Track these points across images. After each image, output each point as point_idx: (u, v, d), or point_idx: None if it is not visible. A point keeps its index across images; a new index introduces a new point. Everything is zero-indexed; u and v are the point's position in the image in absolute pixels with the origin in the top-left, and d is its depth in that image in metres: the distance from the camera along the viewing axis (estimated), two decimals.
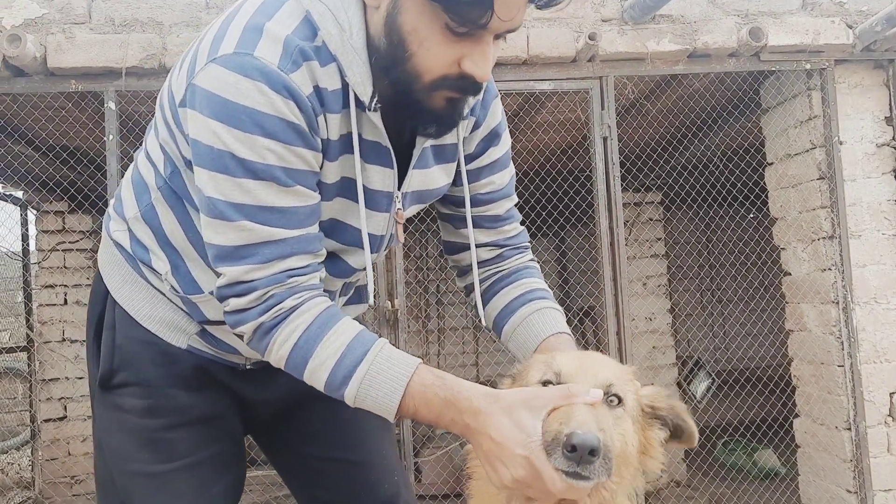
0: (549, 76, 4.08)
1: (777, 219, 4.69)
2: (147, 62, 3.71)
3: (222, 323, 1.50)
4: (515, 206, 1.73)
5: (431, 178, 1.54)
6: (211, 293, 1.46)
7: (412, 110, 1.35)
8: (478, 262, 1.67)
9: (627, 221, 5.82)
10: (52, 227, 5.91)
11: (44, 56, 3.65)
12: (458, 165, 1.58)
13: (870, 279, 4.22)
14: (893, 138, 4.27)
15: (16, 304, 8.05)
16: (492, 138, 1.61)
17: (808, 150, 4.34)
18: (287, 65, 1.26)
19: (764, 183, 4.81)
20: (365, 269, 1.56)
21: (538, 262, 1.78)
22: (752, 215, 5.69)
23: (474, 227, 1.64)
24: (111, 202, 1.65)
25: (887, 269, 4.24)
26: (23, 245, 5.92)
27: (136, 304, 1.55)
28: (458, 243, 1.70)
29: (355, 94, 1.33)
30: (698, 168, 5.14)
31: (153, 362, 1.54)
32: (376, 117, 1.36)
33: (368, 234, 1.45)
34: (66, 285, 5.95)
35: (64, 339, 5.91)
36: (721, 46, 4.09)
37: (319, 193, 1.39)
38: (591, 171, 4.23)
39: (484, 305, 1.67)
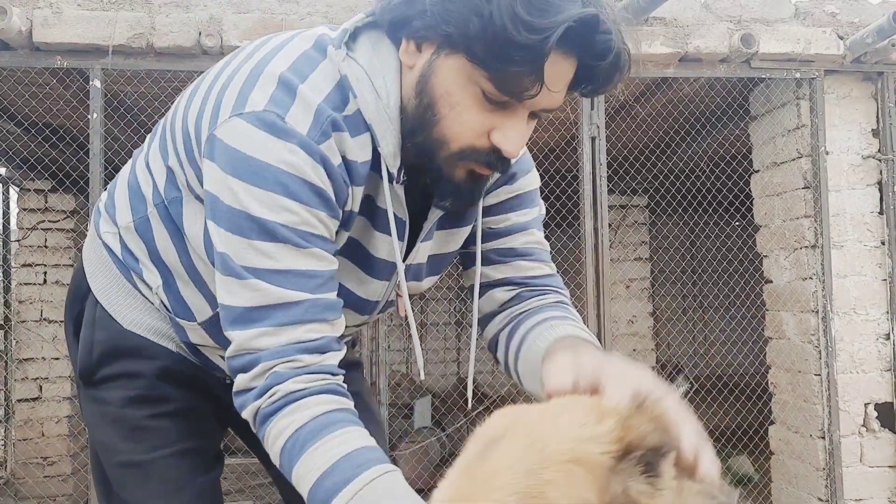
0: None
1: (761, 226, 4.71)
2: (135, 41, 3.67)
3: (206, 346, 1.45)
4: (543, 248, 1.52)
5: (444, 244, 1.44)
6: (200, 324, 1.41)
7: (432, 179, 1.25)
8: (498, 306, 1.49)
9: (612, 224, 5.83)
10: (33, 206, 5.84)
11: (29, 30, 3.60)
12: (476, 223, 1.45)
13: (850, 290, 4.25)
14: (879, 150, 4.29)
15: None
16: (506, 179, 1.46)
17: (794, 159, 4.36)
18: (317, 135, 1.17)
19: (749, 190, 4.83)
20: (359, 326, 1.48)
21: None
22: (735, 222, 5.71)
23: (485, 263, 1.47)
24: (102, 197, 1.56)
25: (867, 280, 4.27)
26: (3, 222, 5.86)
27: (121, 310, 1.48)
28: (472, 286, 1.50)
29: (386, 166, 1.25)
30: (685, 172, 5.15)
31: (137, 356, 1.48)
32: (401, 190, 1.28)
33: (362, 297, 1.40)
34: (45, 265, 5.88)
35: (42, 319, 5.84)
36: (713, 51, 4.10)
37: None
38: (577, 172, 4.23)
39: (506, 358, 1.45)
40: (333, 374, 1.20)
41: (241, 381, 1.20)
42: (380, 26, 1.25)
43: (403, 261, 1.36)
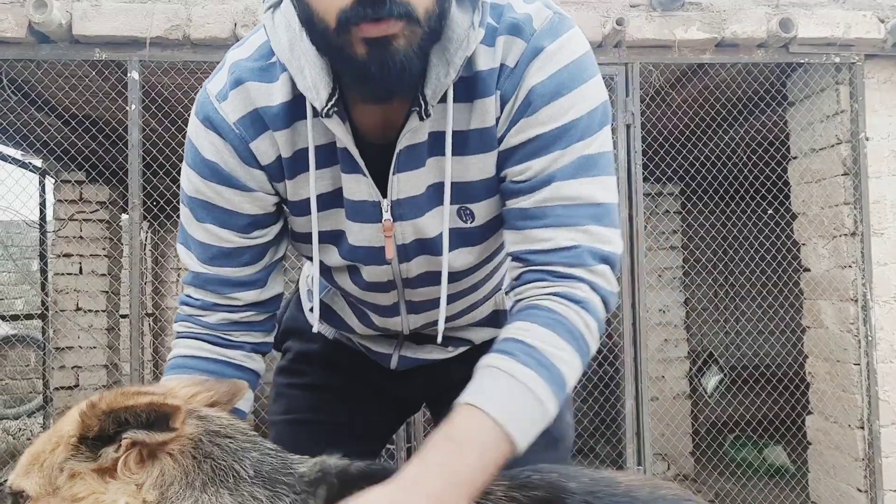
0: None
1: (798, 214, 4.65)
2: (172, 33, 3.70)
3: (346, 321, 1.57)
4: (573, 204, 1.16)
5: (467, 169, 1.23)
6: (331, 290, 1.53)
7: (346, 67, 1.09)
8: (509, 286, 1.30)
9: (645, 212, 5.78)
10: (69, 197, 5.93)
11: (69, 23, 3.64)
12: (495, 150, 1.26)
13: (890, 278, 4.18)
14: None
15: (31, 273, 8.11)
16: (523, 108, 1.17)
17: (833, 146, 4.29)
18: (223, 93, 1.22)
19: (786, 178, 4.77)
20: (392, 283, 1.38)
21: None
22: (772, 209, 5.64)
23: (505, 227, 1.25)
24: None
25: None
26: (40, 213, 5.94)
27: (304, 297, 1.68)
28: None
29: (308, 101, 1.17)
30: (721, 160, 5.10)
31: (298, 336, 1.69)
32: (333, 123, 1.16)
33: (365, 247, 1.31)
34: (81, 255, 5.96)
35: (78, 309, 5.94)
36: (750, 36, 4.04)
37: (295, 212, 1.30)
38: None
39: None
40: (209, 327, 1.34)
41: None
42: None
43: (385, 196, 1.25)
